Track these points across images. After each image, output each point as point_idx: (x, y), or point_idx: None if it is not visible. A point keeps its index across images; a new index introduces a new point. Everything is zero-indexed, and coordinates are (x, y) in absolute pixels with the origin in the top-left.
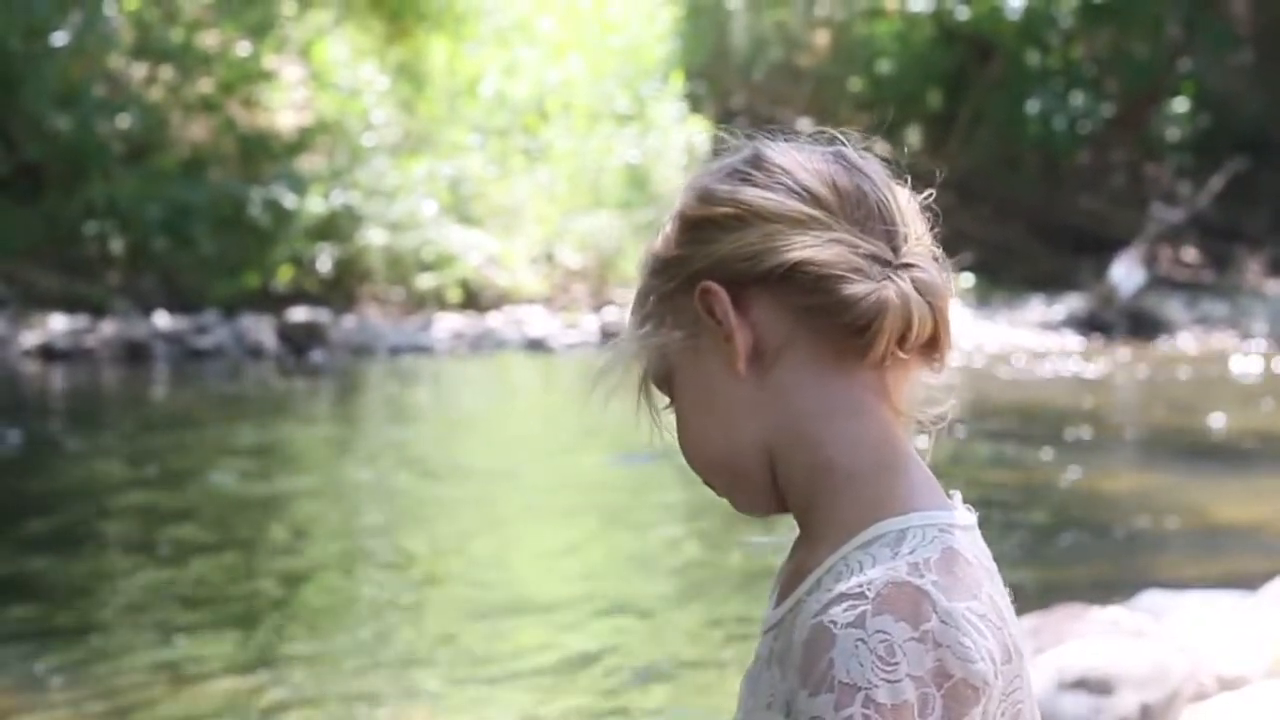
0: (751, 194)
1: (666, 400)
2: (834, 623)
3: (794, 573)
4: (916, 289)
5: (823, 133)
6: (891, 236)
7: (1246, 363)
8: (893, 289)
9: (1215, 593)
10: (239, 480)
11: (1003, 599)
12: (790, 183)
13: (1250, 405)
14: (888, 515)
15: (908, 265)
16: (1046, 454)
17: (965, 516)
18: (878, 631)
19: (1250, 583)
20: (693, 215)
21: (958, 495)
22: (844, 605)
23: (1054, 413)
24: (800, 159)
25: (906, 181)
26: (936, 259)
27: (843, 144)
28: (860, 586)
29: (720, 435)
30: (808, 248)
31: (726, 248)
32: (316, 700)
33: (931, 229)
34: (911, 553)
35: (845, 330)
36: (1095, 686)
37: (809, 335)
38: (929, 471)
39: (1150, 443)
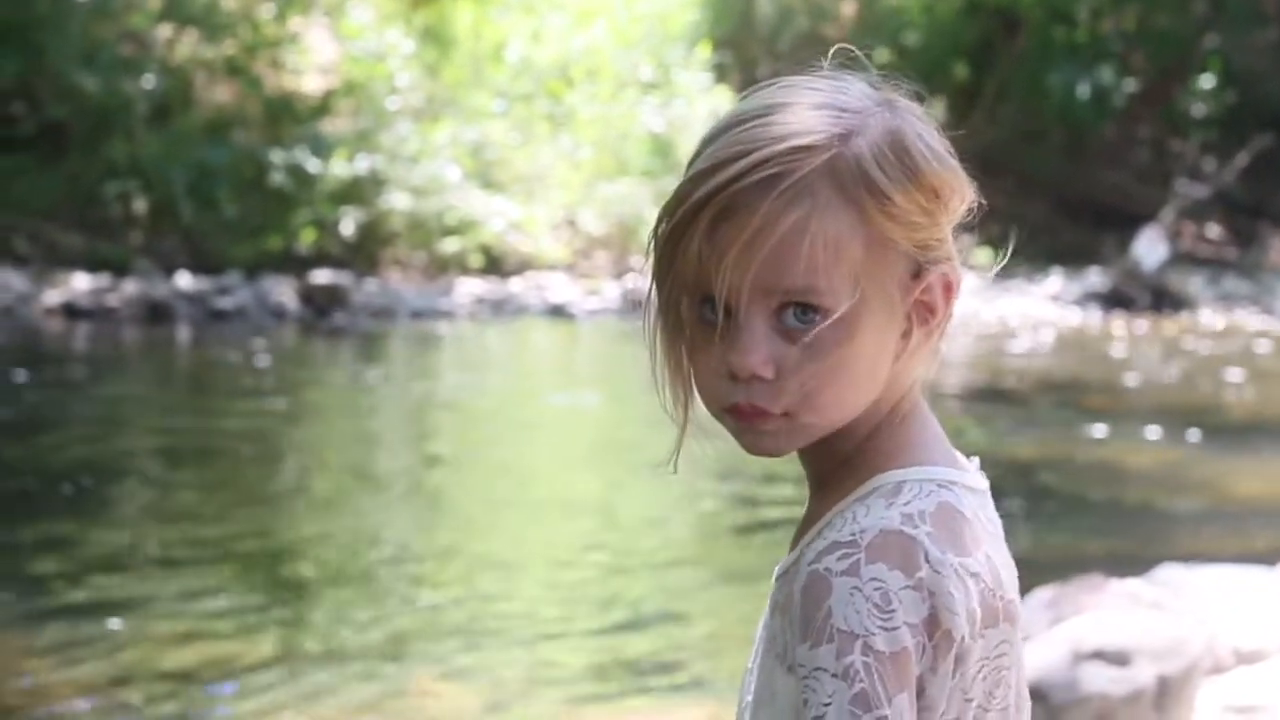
0: (964, 191)
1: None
2: (829, 570)
3: (805, 520)
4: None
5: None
6: None
7: (1268, 340)
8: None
9: (1234, 567)
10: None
11: (1003, 564)
12: (961, 169)
13: (1270, 382)
14: (890, 468)
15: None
16: (1066, 427)
17: (976, 480)
18: (872, 579)
19: (1269, 558)
20: (934, 182)
21: (975, 460)
22: (838, 554)
23: (1074, 386)
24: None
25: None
26: None
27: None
28: (853, 535)
29: (866, 398)
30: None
31: (944, 232)
32: (326, 653)
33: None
34: (906, 504)
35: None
36: (1113, 657)
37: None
38: (939, 430)
39: (1171, 418)
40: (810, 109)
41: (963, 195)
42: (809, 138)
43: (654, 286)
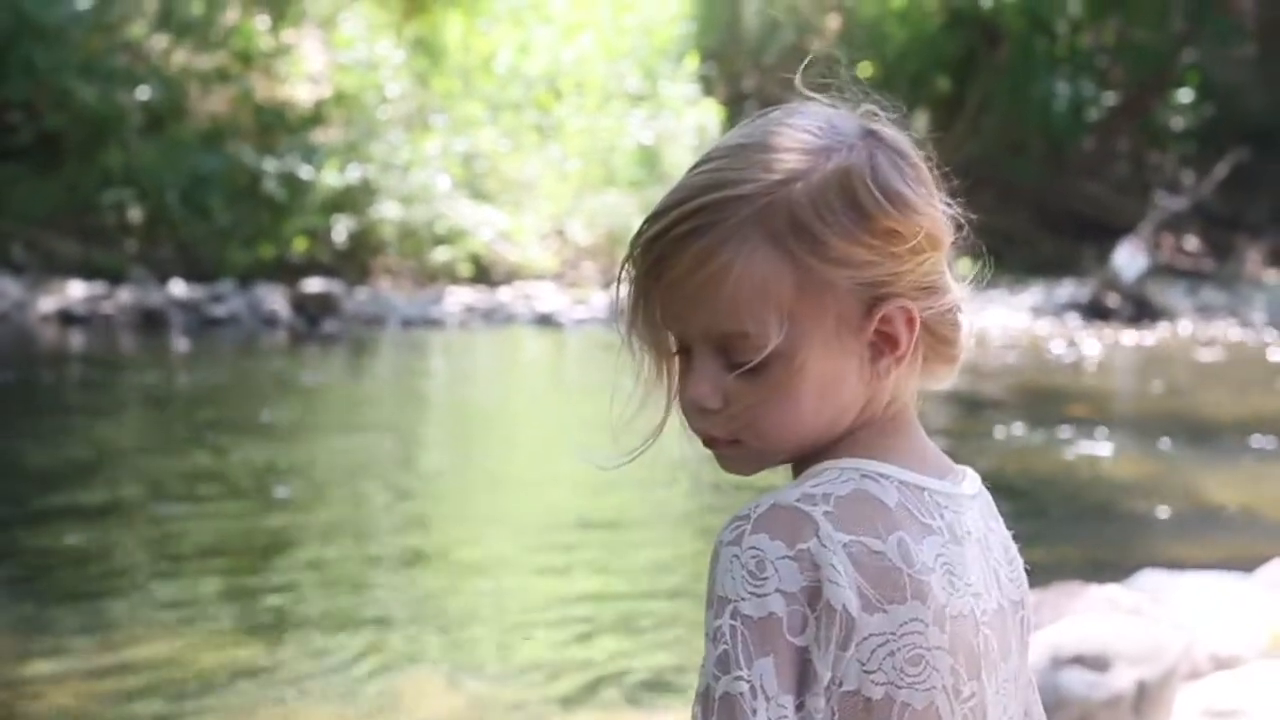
0: (939, 223)
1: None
2: (720, 541)
3: None
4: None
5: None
6: None
7: (1244, 350)
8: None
9: (1211, 574)
10: (249, 446)
11: (957, 562)
12: (945, 208)
13: (1247, 391)
14: (828, 460)
15: None
16: (1046, 436)
17: (944, 485)
18: (751, 548)
19: (1246, 564)
20: (887, 224)
21: (963, 470)
22: (732, 526)
23: (1055, 396)
24: (926, 167)
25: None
26: None
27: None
28: (748, 509)
29: (823, 421)
30: (949, 278)
31: (916, 272)
32: (314, 652)
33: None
34: (815, 486)
35: (939, 338)
36: (1092, 662)
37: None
38: (922, 439)
39: (1149, 426)
40: (771, 151)
41: (933, 231)
42: (746, 186)
43: (633, 305)
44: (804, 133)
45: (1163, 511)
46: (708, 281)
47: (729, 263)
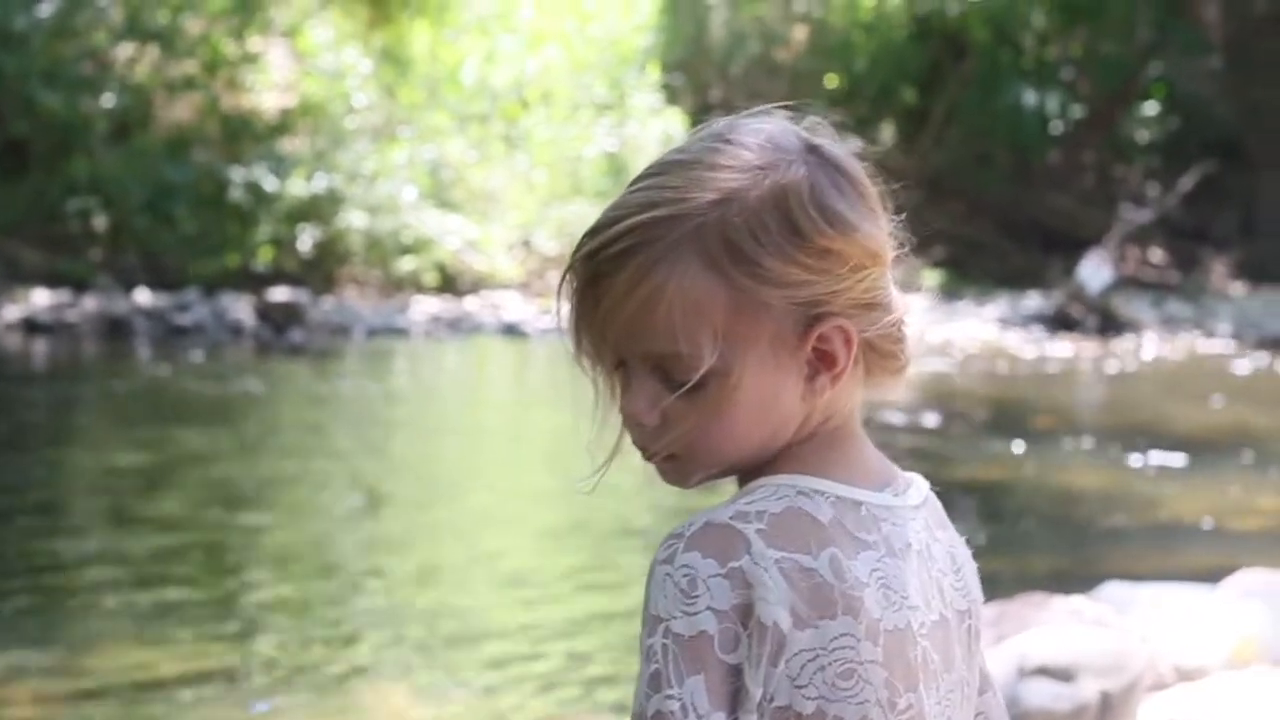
0: (879, 240)
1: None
2: (655, 560)
3: None
4: None
5: (801, 111)
6: None
7: (1209, 362)
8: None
9: (1175, 585)
10: (215, 458)
11: (894, 575)
12: (889, 223)
13: (1212, 403)
14: (767, 476)
15: None
16: (1011, 447)
17: (883, 498)
18: (683, 566)
19: (1210, 576)
20: (823, 244)
21: (909, 479)
22: (666, 544)
23: (1019, 407)
24: (870, 182)
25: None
26: None
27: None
28: (682, 527)
29: (760, 438)
30: (893, 293)
31: (855, 290)
32: (284, 665)
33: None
34: (749, 503)
35: (881, 353)
36: (1057, 674)
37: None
38: (864, 451)
39: (1113, 438)
40: (708, 169)
41: (873, 248)
42: (681, 205)
43: (574, 322)
44: (743, 149)
45: (1126, 523)
46: (642, 303)
47: (662, 284)
